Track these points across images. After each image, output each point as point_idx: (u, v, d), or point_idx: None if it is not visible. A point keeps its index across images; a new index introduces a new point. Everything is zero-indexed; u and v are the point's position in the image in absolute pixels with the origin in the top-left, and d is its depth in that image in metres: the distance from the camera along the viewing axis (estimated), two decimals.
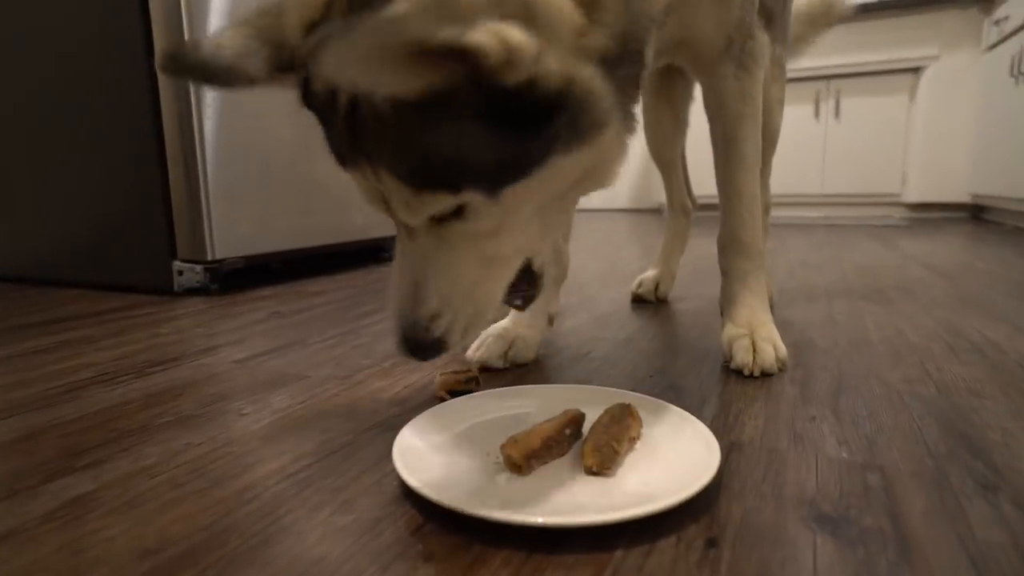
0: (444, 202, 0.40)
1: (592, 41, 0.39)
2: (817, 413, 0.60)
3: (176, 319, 1.10)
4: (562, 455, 0.48)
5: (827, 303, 1.12)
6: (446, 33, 0.29)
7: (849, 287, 1.28)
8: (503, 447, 0.46)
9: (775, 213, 3.31)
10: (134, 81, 1.28)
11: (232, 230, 1.35)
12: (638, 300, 1.16)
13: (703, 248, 1.83)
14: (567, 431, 0.49)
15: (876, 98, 3.14)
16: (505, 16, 0.33)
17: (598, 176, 0.46)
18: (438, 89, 0.34)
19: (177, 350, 0.88)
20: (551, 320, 0.82)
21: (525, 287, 0.50)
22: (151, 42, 1.25)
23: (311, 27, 0.41)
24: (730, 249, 0.78)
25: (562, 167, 0.41)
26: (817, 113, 3.24)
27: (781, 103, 1.06)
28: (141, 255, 1.36)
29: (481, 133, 0.37)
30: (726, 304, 0.79)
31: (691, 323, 0.99)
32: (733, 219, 0.77)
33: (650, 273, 1.19)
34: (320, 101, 0.40)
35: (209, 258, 1.31)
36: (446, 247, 0.44)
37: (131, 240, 1.37)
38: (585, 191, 0.47)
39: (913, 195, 3.11)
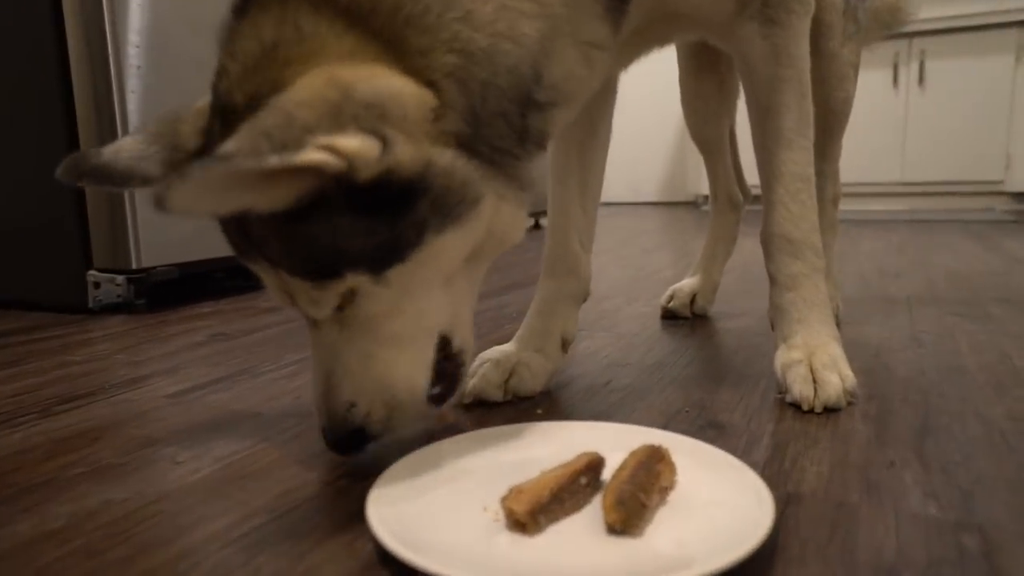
0: (334, 289, 0.51)
1: (447, 125, 0.50)
2: (897, 458, 0.61)
3: (91, 343, 1.11)
4: (577, 510, 0.49)
5: (909, 319, 1.13)
6: (275, 160, 0.41)
7: (937, 299, 1.29)
8: (504, 500, 0.47)
9: (845, 206, 3.31)
10: (39, 52, 1.30)
11: (162, 232, 1.36)
12: (670, 316, 1.17)
13: (754, 249, 1.84)
14: (583, 480, 0.49)
15: (971, 60, 3.16)
16: (345, 123, 0.45)
17: (493, 245, 0.57)
18: (306, 194, 0.46)
19: (93, 382, 0.89)
20: (565, 345, 0.83)
21: (443, 377, 0.59)
22: (61, 17, 1.27)
23: (205, 133, 0.54)
24: (775, 248, 0.78)
25: (442, 247, 0.52)
26: (896, 81, 3.27)
27: (856, 68, 1.06)
28: (47, 264, 1.38)
29: (352, 222, 0.48)
30: (777, 319, 0.80)
31: (737, 345, 0.99)
32: (776, 209, 0.77)
33: (686, 282, 1.20)
34: None
35: (133, 267, 1.32)
36: (348, 333, 0.54)
37: (34, 246, 1.38)
38: (488, 259, 0.59)
39: (1019, 183, 3.12)
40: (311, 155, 0.43)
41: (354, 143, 0.45)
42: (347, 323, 0.54)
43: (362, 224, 0.49)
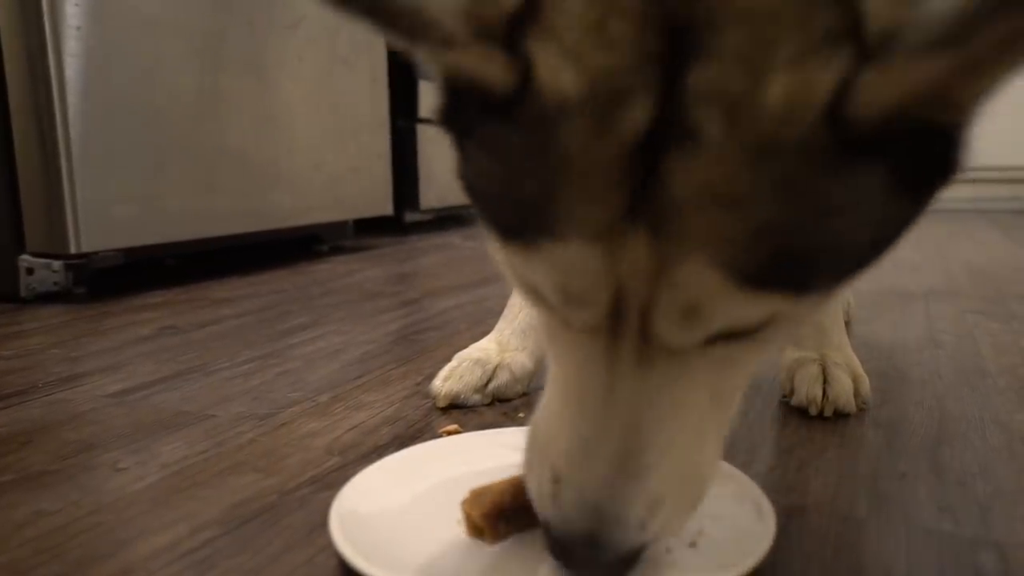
0: (767, 308, 0.34)
1: None
2: (909, 469, 0.61)
3: (23, 336, 1.09)
4: None
5: (926, 317, 1.14)
6: None
7: (957, 295, 1.31)
8: (463, 504, 0.47)
9: None
10: None
11: (106, 213, 1.34)
12: None
13: None
14: None
15: None
16: None
17: None
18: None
19: (23, 380, 0.88)
20: None
21: None
22: None
23: None
24: None
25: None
26: None
27: None
28: None
29: (883, 192, 0.32)
30: None
31: None
32: None
33: None
34: (554, 110, 0.32)
35: (72, 251, 1.30)
36: (688, 384, 0.37)
37: None
38: None
39: None
40: None
41: None
42: (700, 366, 0.37)
43: (888, 197, 0.32)
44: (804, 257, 0.32)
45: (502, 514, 0.46)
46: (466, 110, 0.35)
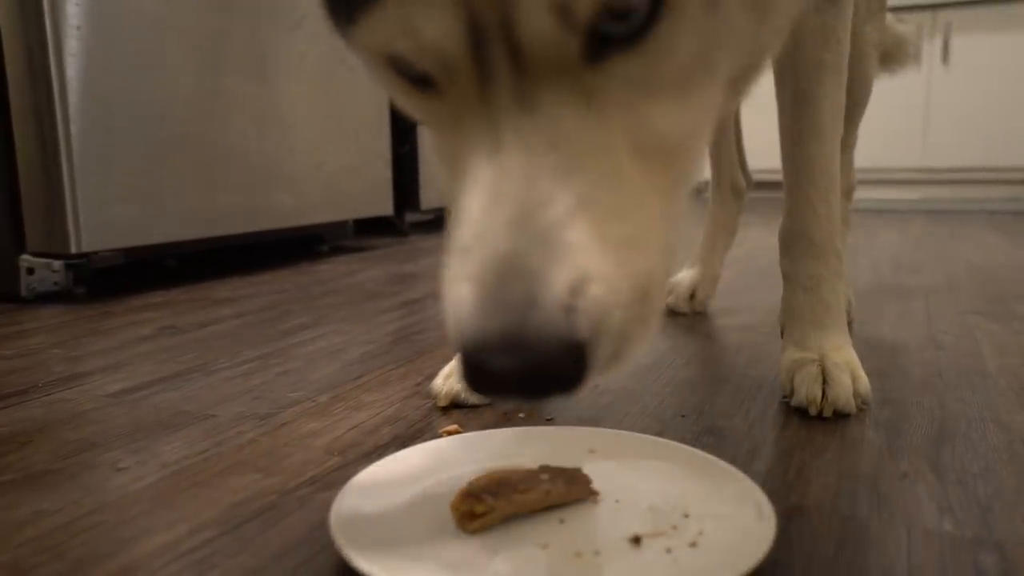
0: None
1: None
2: (911, 469, 0.61)
3: (24, 336, 1.10)
4: (540, 505, 0.49)
5: (927, 317, 1.14)
6: None
7: (958, 296, 1.31)
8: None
9: (859, 195, 3.34)
10: None
11: (106, 212, 1.34)
12: (667, 312, 1.17)
13: (758, 240, 1.86)
14: (543, 476, 0.50)
15: (1001, 36, 3.19)
16: None
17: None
18: None
19: (25, 379, 0.88)
20: None
21: None
22: None
23: None
24: (796, 248, 0.80)
25: None
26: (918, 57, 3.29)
27: (876, 48, 1.07)
28: None
29: None
30: (788, 320, 0.81)
31: (739, 344, 1.00)
32: (802, 208, 0.79)
33: (684, 275, 1.21)
34: None
35: (73, 251, 1.30)
36: (595, 124, 0.30)
37: None
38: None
39: None
40: None
41: None
42: (599, 98, 0.31)
43: None
44: None
45: (479, 490, 0.47)
46: None
